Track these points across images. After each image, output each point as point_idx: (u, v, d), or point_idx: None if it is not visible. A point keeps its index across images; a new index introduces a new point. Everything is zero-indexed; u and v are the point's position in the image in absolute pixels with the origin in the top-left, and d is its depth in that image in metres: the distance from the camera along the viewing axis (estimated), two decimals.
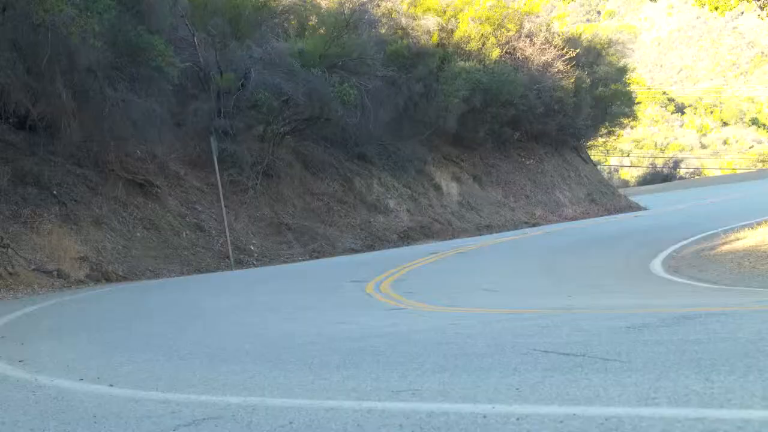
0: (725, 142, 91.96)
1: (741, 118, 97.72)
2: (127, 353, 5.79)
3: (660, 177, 63.37)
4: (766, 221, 13.64)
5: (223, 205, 17.69)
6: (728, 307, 5.87)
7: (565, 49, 31.16)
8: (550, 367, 3.79)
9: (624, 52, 36.81)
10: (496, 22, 29.25)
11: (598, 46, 34.33)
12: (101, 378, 4.73)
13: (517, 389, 3.35)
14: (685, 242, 14.28)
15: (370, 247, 20.49)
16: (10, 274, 12.74)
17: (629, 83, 36.12)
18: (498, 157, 30.85)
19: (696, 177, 68.18)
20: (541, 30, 31.36)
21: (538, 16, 31.68)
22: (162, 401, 3.88)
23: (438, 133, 27.60)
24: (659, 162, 70.16)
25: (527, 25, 30.79)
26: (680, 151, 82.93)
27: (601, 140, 38.40)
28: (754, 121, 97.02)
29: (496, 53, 28.33)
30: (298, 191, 21.81)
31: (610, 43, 35.38)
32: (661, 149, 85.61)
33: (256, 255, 18.30)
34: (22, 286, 12.57)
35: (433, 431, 2.83)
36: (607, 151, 45.45)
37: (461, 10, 28.98)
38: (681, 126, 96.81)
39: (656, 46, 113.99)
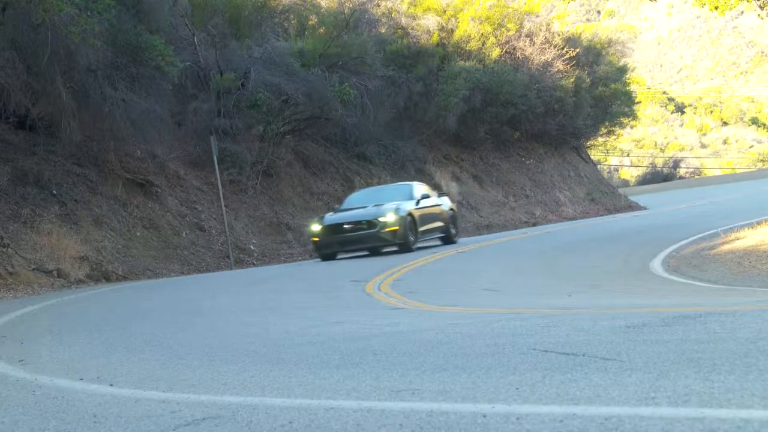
0: (725, 142, 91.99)
1: (741, 118, 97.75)
2: (127, 353, 5.79)
3: (660, 177, 63.35)
4: (766, 221, 13.65)
5: (223, 205, 17.69)
6: (728, 306, 5.87)
7: (565, 49, 31.17)
8: (549, 366, 3.80)
9: (624, 51, 36.79)
10: (496, 22, 29.25)
11: (598, 46, 34.33)
12: (101, 378, 4.74)
13: (517, 389, 3.35)
14: (684, 242, 14.28)
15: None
16: (10, 273, 12.74)
17: (629, 83, 36.10)
18: (498, 156, 30.85)
19: (696, 177, 68.20)
20: (541, 30, 31.36)
21: (538, 16, 31.68)
22: (162, 401, 3.88)
23: (438, 132, 27.62)
24: (659, 162, 70.16)
25: (527, 25, 30.79)
26: (680, 150, 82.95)
27: (601, 140, 38.40)
28: (754, 121, 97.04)
29: (496, 53, 28.34)
30: (298, 191, 21.81)
31: (610, 42, 35.38)
32: (661, 149, 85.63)
33: (255, 254, 18.30)
34: (22, 285, 12.57)
35: (433, 431, 2.83)
36: (607, 150, 45.48)
37: (461, 10, 28.98)
38: (681, 126, 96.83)
39: (656, 45, 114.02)
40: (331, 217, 15.41)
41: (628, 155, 75.70)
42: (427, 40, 26.78)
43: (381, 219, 14.71)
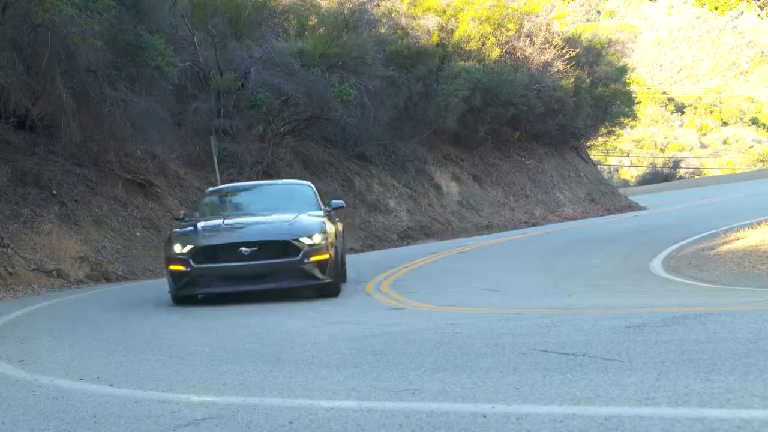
0: (725, 142, 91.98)
1: (741, 118, 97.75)
2: (126, 353, 5.79)
3: (660, 177, 63.35)
4: (766, 221, 13.66)
5: None
6: (728, 306, 5.88)
7: (565, 49, 31.17)
8: (549, 366, 3.80)
9: (624, 51, 36.79)
10: (496, 22, 29.25)
11: (598, 46, 34.33)
12: (101, 378, 4.74)
13: (517, 389, 3.35)
14: (684, 242, 14.30)
15: (370, 247, 20.48)
16: (10, 273, 12.74)
17: (629, 83, 36.09)
18: (498, 156, 30.84)
19: (696, 177, 68.20)
20: (541, 30, 31.35)
21: (537, 16, 31.67)
22: (162, 401, 3.88)
23: (438, 132, 27.61)
24: (659, 162, 70.13)
25: (527, 25, 30.79)
26: (680, 150, 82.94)
27: (601, 140, 38.40)
28: (754, 121, 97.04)
29: (496, 53, 28.34)
30: None
31: (610, 42, 35.37)
32: (661, 149, 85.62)
33: None
34: (22, 285, 12.57)
35: (433, 431, 2.83)
36: (607, 150, 45.44)
37: (461, 10, 28.97)
38: (681, 126, 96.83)
39: (656, 45, 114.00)
40: (209, 231, 9.09)
41: (628, 155, 75.71)
42: (427, 40, 26.78)
43: (305, 239, 8.69)
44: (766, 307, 5.75)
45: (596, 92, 32.61)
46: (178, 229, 9.41)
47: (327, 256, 8.78)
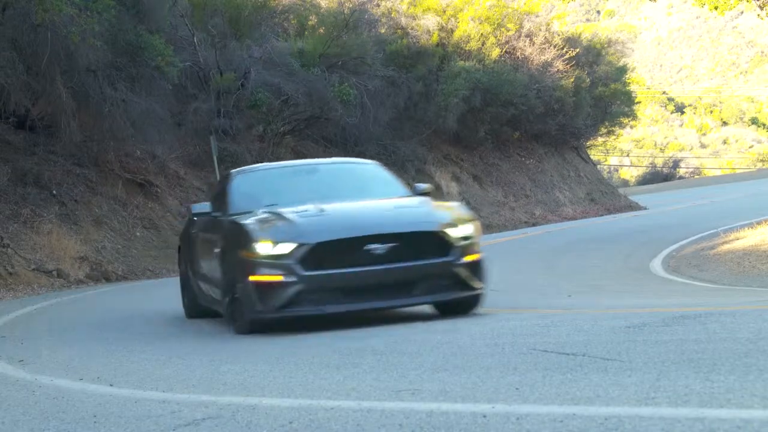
0: (725, 142, 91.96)
1: (741, 118, 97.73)
2: (126, 353, 5.79)
3: (660, 176, 63.33)
4: (766, 221, 13.65)
5: None
6: (728, 306, 5.88)
7: (565, 49, 31.15)
8: (549, 366, 3.80)
9: (624, 51, 36.77)
10: (496, 22, 29.24)
11: (598, 46, 34.31)
12: (101, 378, 4.74)
13: (517, 389, 3.35)
14: (684, 242, 14.30)
15: None
16: (10, 273, 12.74)
17: (629, 83, 36.05)
18: (498, 156, 30.83)
19: (696, 177, 68.20)
20: (540, 29, 31.34)
21: (537, 16, 31.66)
22: (162, 401, 3.88)
23: (438, 132, 27.60)
24: (659, 162, 70.11)
25: (527, 25, 30.78)
26: (680, 150, 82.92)
27: (601, 140, 38.37)
28: (754, 121, 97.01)
29: (495, 53, 28.33)
30: None
31: (609, 42, 35.35)
32: (660, 149, 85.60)
33: None
34: (22, 285, 12.57)
35: (433, 431, 2.83)
36: (607, 150, 45.43)
37: (461, 10, 28.96)
38: (681, 126, 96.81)
39: (656, 45, 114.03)
40: (308, 220, 6.04)
41: (628, 155, 75.71)
42: (427, 40, 26.77)
43: (452, 230, 6.09)
44: (766, 307, 5.76)
45: (596, 92, 32.58)
46: (251, 219, 6.18)
47: (479, 255, 6.28)
